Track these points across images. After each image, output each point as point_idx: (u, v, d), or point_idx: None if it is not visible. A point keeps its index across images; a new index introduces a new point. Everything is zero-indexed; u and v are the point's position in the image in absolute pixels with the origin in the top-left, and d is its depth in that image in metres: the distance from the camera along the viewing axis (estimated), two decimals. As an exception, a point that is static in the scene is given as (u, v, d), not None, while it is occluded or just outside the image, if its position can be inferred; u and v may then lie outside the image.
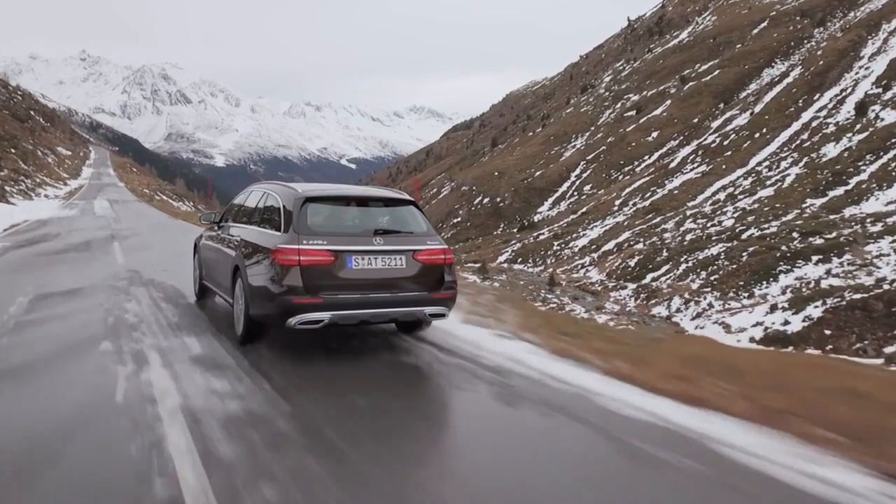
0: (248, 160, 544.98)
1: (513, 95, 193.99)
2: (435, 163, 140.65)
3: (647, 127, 62.60)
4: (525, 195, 58.29)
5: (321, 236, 5.01)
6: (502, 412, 4.03)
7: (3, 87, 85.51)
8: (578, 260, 38.36)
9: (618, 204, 47.48)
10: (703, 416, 3.73)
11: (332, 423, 3.68)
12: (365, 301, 5.05)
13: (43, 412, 3.82)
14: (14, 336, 5.77)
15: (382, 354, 5.38)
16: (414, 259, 5.21)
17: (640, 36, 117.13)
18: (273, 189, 5.92)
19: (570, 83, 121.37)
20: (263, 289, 5.07)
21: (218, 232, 7.01)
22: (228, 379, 4.47)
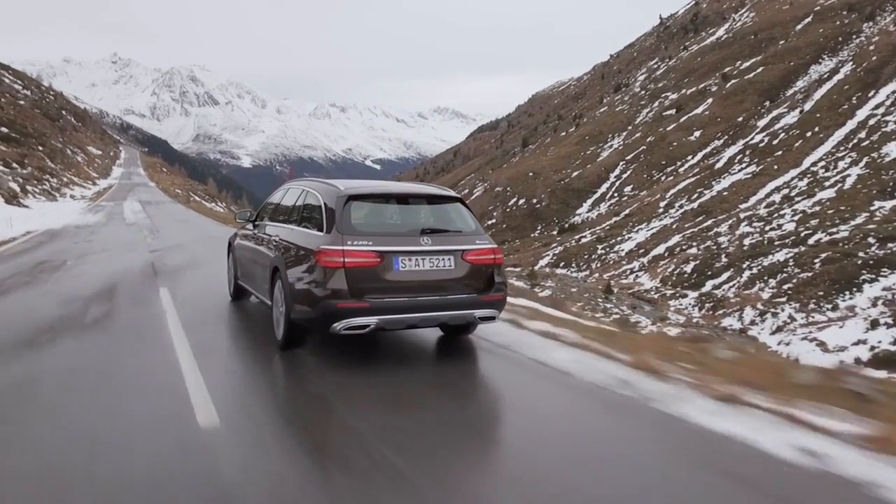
0: (274, 161, 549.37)
1: (539, 96, 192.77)
2: (463, 163, 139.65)
3: (688, 126, 60.68)
4: (562, 196, 56.79)
5: (366, 236, 4.74)
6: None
7: (35, 87, 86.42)
8: (626, 265, 36.86)
9: (663, 206, 45.79)
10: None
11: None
12: (413, 304, 4.77)
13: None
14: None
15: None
16: (463, 259, 4.94)
17: (673, 34, 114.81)
18: (313, 187, 5.59)
19: (602, 82, 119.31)
20: (305, 292, 4.82)
21: (254, 231, 6.73)
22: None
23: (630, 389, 4.29)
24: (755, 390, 3.91)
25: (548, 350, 5.40)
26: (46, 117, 66.28)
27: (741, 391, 3.95)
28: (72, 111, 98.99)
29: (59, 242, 15.19)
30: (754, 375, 4.28)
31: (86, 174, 54.49)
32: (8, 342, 5.53)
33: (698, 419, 3.70)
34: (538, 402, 4.30)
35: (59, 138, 60.55)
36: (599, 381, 4.51)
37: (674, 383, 4.42)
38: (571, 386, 4.52)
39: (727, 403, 3.90)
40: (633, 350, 5.19)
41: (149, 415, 3.76)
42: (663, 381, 4.50)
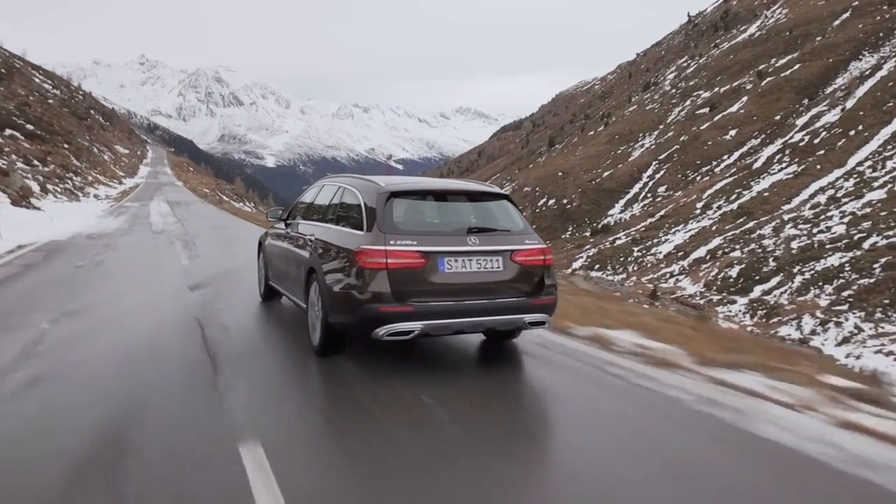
0: (298, 161, 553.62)
1: (563, 95, 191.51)
2: (487, 163, 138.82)
3: (723, 125, 59.24)
4: (593, 196, 55.78)
5: (409, 235, 4.49)
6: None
7: (65, 87, 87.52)
8: (665, 268, 35.86)
9: (700, 207, 44.62)
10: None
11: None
12: (459, 309, 4.51)
13: None
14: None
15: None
16: (512, 260, 4.69)
17: (702, 32, 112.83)
18: (350, 183, 5.35)
19: (630, 81, 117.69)
20: (345, 295, 4.57)
21: (286, 230, 6.46)
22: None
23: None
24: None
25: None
26: (74, 116, 66.77)
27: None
28: (100, 111, 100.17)
29: (54, 267, 10.50)
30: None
31: (112, 173, 54.10)
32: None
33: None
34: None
35: (85, 136, 60.36)
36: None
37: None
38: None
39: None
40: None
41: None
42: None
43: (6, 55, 67.94)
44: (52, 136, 43.22)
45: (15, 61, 69.30)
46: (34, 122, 41.40)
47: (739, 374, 4.66)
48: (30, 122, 39.98)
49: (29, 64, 76.98)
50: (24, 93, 53.11)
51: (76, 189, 34.72)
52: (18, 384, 4.35)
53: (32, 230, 15.84)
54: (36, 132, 39.10)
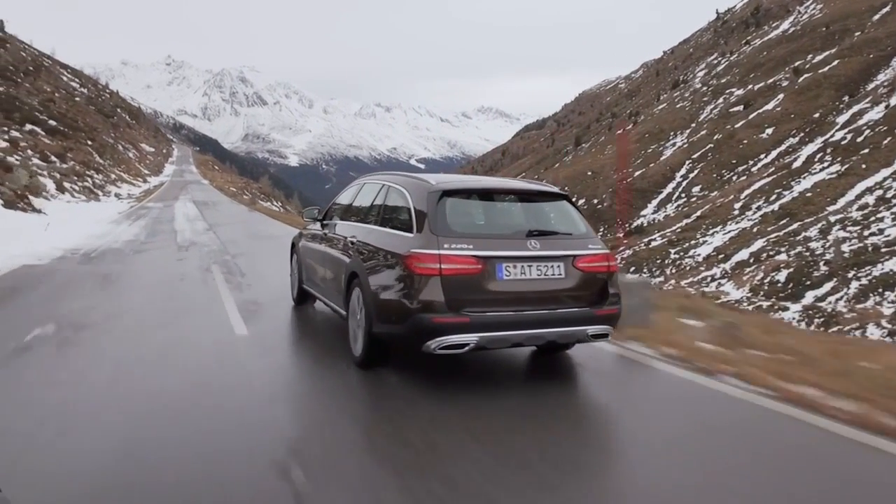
0: (321, 160, 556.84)
1: (586, 94, 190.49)
2: (511, 162, 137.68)
3: (758, 123, 57.47)
4: (625, 197, 54.38)
5: (465, 238, 4.15)
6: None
7: (92, 86, 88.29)
8: (705, 271, 34.54)
9: (738, 207, 43.12)
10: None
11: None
12: (518, 320, 4.17)
13: None
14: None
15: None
16: (574, 267, 4.36)
17: (732, 28, 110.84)
18: (396, 181, 4.98)
19: (657, 79, 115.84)
20: (393, 303, 4.22)
21: (323, 231, 6.08)
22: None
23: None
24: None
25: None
26: (101, 114, 66.96)
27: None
28: (126, 109, 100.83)
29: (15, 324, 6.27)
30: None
31: (136, 171, 53.43)
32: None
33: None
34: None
35: (110, 134, 60.05)
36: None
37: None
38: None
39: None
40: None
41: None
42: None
43: (35, 54, 68.56)
44: (75, 132, 42.27)
45: (44, 60, 69.94)
46: (57, 118, 40.72)
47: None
48: (53, 119, 39.20)
49: (57, 62, 77.74)
50: (50, 89, 53.06)
51: (96, 187, 33.02)
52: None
53: (10, 245, 11.35)
54: (58, 128, 38.26)
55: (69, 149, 35.47)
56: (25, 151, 28.86)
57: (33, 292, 8.22)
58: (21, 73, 48.12)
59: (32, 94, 43.71)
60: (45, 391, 4.30)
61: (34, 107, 38.67)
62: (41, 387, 4.40)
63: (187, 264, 10.73)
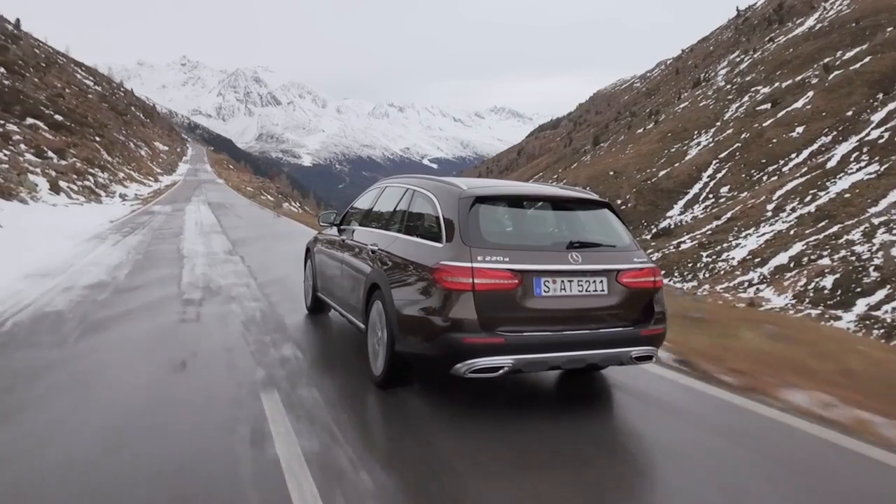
0: (334, 160, 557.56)
1: (601, 94, 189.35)
2: (527, 162, 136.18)
3: (788, 121, 55.67)
4: (650, 197, 52.87)
5: (500, 250, 3.69)
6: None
7: (106, 84, 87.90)
8: (741, 275, 33.00)
9: (771, 209, 41.45)
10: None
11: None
12: (557, 341, 3.71)
13: None
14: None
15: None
16: (618, 282, 3.88)
17: (754, 26, 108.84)
18: (422, 185, 4.57)
19: (677, 77, 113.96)
20: (419, 320, 3.77)
21: (340, 237, 5.68)
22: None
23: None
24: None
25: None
26: (114, 111, 66.12)
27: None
28: (140, 107, 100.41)
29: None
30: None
31: (147, 169, 51.65)
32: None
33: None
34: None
35: (122, 131, 58.54)
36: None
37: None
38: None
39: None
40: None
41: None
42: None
43: (49, 51, 68.07)
44: (83, 127, 40.30)
45: (58, 57, 69.44)
46: (65, 113, 39.10)
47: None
48: (60, 113, 37.62)
49: (71, 60, 77.24)
50: (61, 85, 51.88)
51: (99, 187, 29.94)
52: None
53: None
54: (64, 123, 36.48)
55: (73, 144, 33.19)
56: (18, 146, 26.68)
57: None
58: (30, 68, 47.09)
59: (41, 88, 42.49)
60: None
61: (40, 101, 37.33)
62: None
63: (199, 378, 4.61)
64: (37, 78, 44.89)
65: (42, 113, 34.32)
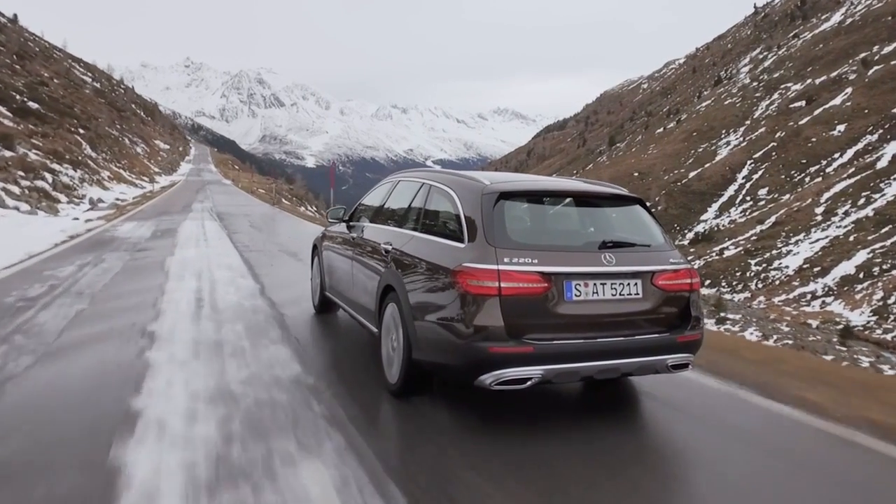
0: (338, 161, 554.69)
1: (608, 94, 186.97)
2: (538, 163, 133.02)
3: (826, 119, 52.39)
4: (681, 199, 49.64)
5: (527, 251, 3.28)
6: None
7: (106, 80, 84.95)
8: (800, 286, 29.75)
9: (820, 213, 38.19)
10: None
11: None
12: (590, 349, 3.31)
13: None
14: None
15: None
16: (653, 284, 3.47)
17: (775, 22, 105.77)
18: (439, 180, 4.04)
19: (694, 76, 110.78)
20: (439, 328, 3.35)
21: (350, 234, 5.12)
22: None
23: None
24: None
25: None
26: (112, 107, 62.79)
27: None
28: (141, 105, 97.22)
29: None
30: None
31: (142, 168, 47.17)
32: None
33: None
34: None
35: (116, 125, 54.38)
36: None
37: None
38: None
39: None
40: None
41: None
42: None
43: (46, 45, 65.17)
44: (63, 117, 35.40)
45: (54, 52, 66.47)
46: (43, 100, 34.92)
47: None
48: (36, 100, 33.41)
49: (69, 55, 74.17)
50: (49, 75, 47.90)
51: (61, 189, 22.22)
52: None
53: None
54: (38, 111, 32.00)
55: (39, 134, 27.58)
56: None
57: None
58: (13, 55, 43.44)
59: (19, 75, 38.70)
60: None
61: (12, 86, 32.94)
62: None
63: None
64: (18, 65, 41.45)
65: (9, 97, 30.11)
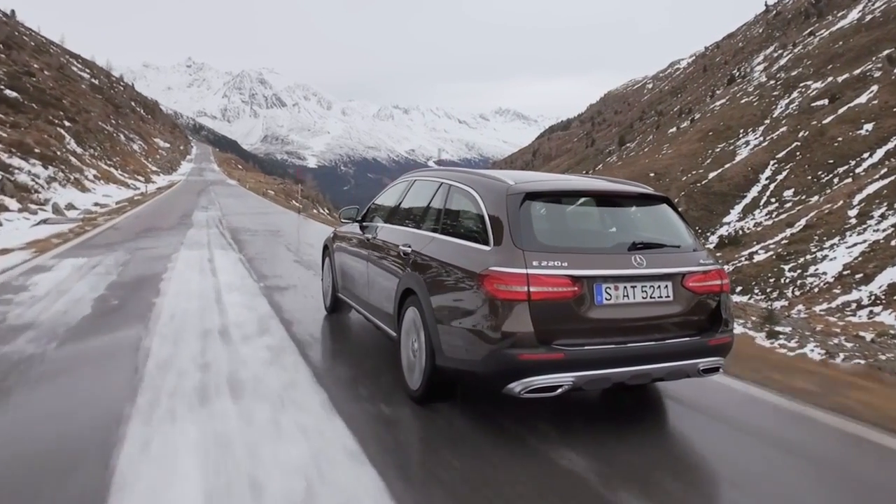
0: (339, 161, 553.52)
1: (612, 94, 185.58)
2: (544, 163, 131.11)
3: (852, 118, 50.38)
4: (702, 201, 47.65)
5: (556, 253, 3.16)
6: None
7: (105, 77, 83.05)
8: (842, 294, 27.73)
9: (854, 215, 36.17)
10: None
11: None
12: (621, 354, 3.17)
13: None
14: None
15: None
16: (683, 287, 3.37)
17: (788, 20, 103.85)
18: (459, 179, 3.90)
19: (705, 75, 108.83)
20: (465, 334, 3.24)
21: (365, 235, 4.92)
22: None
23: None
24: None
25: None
26: (109, 103, 60.64)
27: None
28: (141, 103, 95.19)
29: None
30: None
31: (137, 166, 44.44)
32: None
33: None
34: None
35: (111, 120, 51.77)
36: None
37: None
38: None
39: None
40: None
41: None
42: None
43: (42, 40, 63.33)
44: (47, 108, 32.36)
45: (50, 46, 64.54)
46: (25, 90, 32.31)
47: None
48: (16, 89, 30.79)
49: (67, 51, 72.26)
50: (39, 66, 45.67)
51: (15, 191, 18.07)
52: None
53: None
54: (15, 99, 29.37)
55: (10, 124, 24.69)
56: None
57: None
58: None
59: (3, 63, 36.23)
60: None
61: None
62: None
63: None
64: (3, 54, 39.34)
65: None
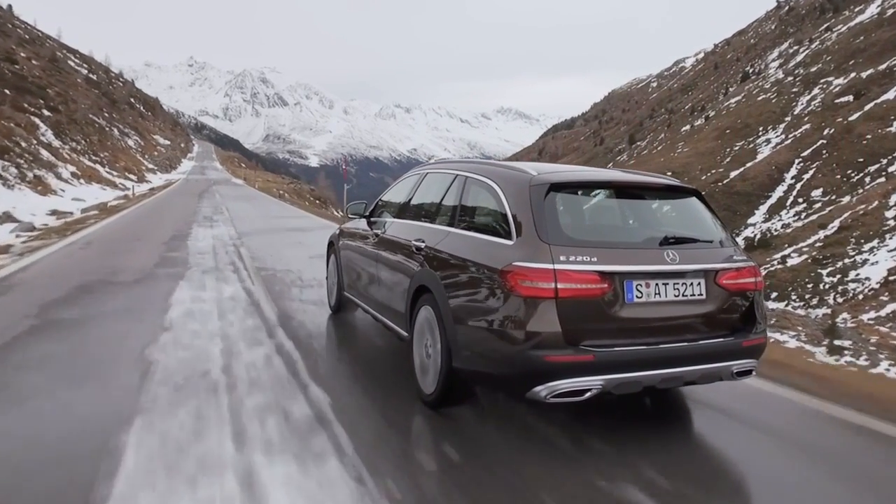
0: (341, 161, 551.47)
1: (617, 93, 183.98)
2: (552, 162, 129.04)
3: (881, 115, 48.38)
4: (725, 201, 45.70)
5: (584, 248, 2.90)
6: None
7: (103, 72, 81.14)
8: (890, 302, 25.77)
9: (892, 217, 34.19)
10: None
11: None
12: (653, 356, 2.92)
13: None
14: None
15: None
16: (716, 284, 3.12)
17: (802, 16, 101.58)
18: (476, 171, 3.64)
19: (716, 72, 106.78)
20: (487, 335, 2.98)
21: (373, 231, 4.65)
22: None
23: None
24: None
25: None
26: (106, 97, 58.56)
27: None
28: (141, 100, 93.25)
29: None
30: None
31: (131, 163, 41.54)
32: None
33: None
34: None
35: (103, 113, 49.03)
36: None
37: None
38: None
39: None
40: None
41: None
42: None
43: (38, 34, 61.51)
44: (22, 94, 29.71)
45: (47, 41, 62.74)
46: (2, 75, 30.15)
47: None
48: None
49: (64, 46, 70.37)
50: (26, 55, 43.52)
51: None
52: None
53: None
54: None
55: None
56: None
57: None
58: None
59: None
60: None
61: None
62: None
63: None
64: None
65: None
